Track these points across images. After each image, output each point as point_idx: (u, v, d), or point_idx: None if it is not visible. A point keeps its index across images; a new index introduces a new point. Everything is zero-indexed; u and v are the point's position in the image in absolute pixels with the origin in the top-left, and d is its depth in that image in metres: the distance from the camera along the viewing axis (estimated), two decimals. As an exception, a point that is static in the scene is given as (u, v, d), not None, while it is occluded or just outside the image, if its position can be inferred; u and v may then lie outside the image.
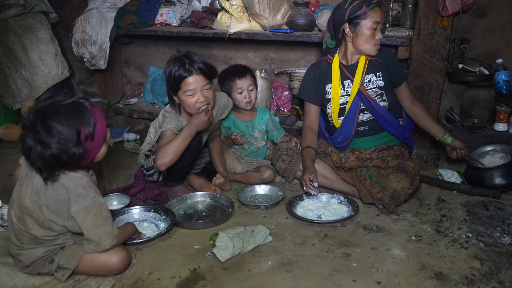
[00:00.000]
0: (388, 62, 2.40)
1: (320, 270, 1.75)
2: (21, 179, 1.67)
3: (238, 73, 2.59)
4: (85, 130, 1.53)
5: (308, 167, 2.29)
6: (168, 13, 3.32)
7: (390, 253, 1.86)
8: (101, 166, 2.52)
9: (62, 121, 1.49)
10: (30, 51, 3.45)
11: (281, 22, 2.99)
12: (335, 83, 2.40)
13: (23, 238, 1.65)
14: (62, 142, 1.48)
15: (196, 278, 1.72)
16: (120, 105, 3.72)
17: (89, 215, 1.59)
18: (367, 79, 2.38)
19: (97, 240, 1.63)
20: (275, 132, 2.69)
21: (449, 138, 2.45)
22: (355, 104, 2.37)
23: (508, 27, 2.88)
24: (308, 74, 2.48)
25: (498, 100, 2.73)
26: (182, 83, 2.18)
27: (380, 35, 2.27)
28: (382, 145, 2.43)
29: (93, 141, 1.57)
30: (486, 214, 2.14)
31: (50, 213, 1.59)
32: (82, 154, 1.53)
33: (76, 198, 1.57)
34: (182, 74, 2.16)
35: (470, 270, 1.72)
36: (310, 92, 2.46)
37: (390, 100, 2.40)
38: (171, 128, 2.23)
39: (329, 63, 2.44)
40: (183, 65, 2.17)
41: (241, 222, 2.17)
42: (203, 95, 2.21)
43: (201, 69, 2.19)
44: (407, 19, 2.91)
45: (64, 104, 1.53)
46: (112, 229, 1.66)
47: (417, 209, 2.25)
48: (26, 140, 1.50)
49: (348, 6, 2.26)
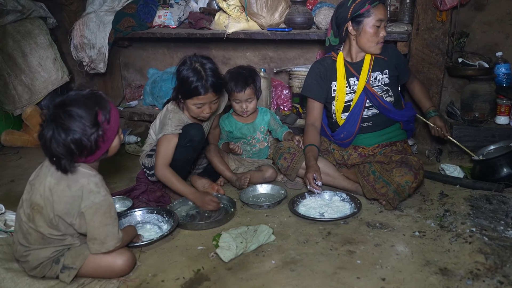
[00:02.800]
0: (396, 59, 2.42)
1: (324, 268, 1.75)
2: (31, 180, 1.71)
3: (238, 86, 2.51)
4: (102, 113, 1.61)
5: (311, 166, 2.28)
6: (165, 15, 3.33)
7: (394, 249, 1.86)
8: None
9: (81, 106, 1.57)
10: (29, 57, 3.46)
11: (279, 21, 2.98)
12: (340, 80, 2.39)
13: (31, 238, 1.66)
14: (83, 125, 1.55)
15: (200, 279, 1.72)
16: (120, 108, 3.72)
17: (99, 212, 1.62)
18: (373, 77, 2.37)
19: (102, 239, 1.64)
20: (278, 130, 2.67)
21: (433, 113, 2.54)
22: (360, 101, 2.37)
23: (507, 19, 2.86)
24: (312, 71, 2.46)
25: (499, 93, 2.72)
26: (195, 97, 2.21)
27: (384, 32, 2.26)
28: (385, 141, 2.42)
29: (109, 124, 1.63)
30: (490, 208, 2.13)
31: (60, 210, 1.61)
32: (101, 136, 1.59)
33: (88, 194, 1.61)
34: (199, 89, 2.18)
35: (474, 265, 1.71)
36: (314, 90, 2.44)
37: (395, 95, 2.42)
38: (172, 131, 2.25)
39: (333, 61, 2.42)
40: (201, 80, 2.17)
41: (243, 222, 2.17)
42: (209, 108, 2.27)
43: (215, 87, 2.21)
44: (405, 15, 2.90)
45: (81, 94, 1.63)
46: (117, 231, 1.69)
47: (420, 205, 2.25)
48: (45, 131, 1.56)
49: (351, 4, 2.25)
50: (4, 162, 3.16)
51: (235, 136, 2.67)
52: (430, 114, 2.55)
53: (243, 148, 2.67)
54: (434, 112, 2.54)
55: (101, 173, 1.70)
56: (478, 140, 2.67)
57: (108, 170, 2.93)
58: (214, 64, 2.26)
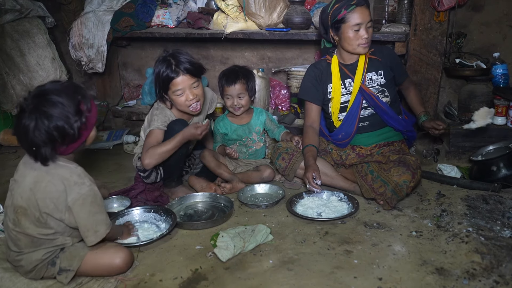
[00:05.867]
0: (390, 60, 2.42)
1: (322, 267, 1.76)
2: (10, 186, 1.71)
3: (228, 79, 2.54)
4: (84, 102, 1.63)
5: (310, 165, 2.29)
6: (164, 14, 3.33)
7: (391, 249, 1.87)
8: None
9: (62, 95, 1.58)
10: (27, 56, 3.45)
11: (277, 21, 2.99)
12: (335, 83, 2.40)
13: (21, 243, 1.66)
14: (65, 112, 1.56)
15: (198, 279, 1.72)
16: (118, 107, 3.72)
17: (86, 203, 1.62)
18: (368, 77, 2.38)
19: (94, 227, 1.65)
20: (275, 131, 2.67)
21: (423, 117, 2.49)
22: (357, 101, 2.38)
23: (504, 20, 2.87)
24: (308, 74, 2.48)
25: (496, 93, 2.73)
26: (171, 84, 2.24)
27: (365, 34, 2.24)
28: (383, 141, 2.43)
29: (91, 113, 1.65)
30: (486, 208, 2.14)
31: (46, 207, 1.61)
32: (84, 124, 1.60)
33: (73, 187, 1.61)
34: (170, 75, 2.22)
35: (471, 264, 1.72)
36: (311, 92, 2.46)
37: (392, 96, 2.42)
38: (158, 126, 2.28)
39: (328, 63, 2.44)
40: (170, 66, 2.22)
41: (241, 221, 2.17)
42: (192, 93, 2.27)
43: (187, 69, 2.23)
44: (403, 15, 2.91)
45: (59, 84, 1.63)
46: (106, 217, 1.70)
47: (418, 205, 2.26)
48: (26, 120, 1.54)
49: (330, 10, 2.28)
50: (2, 162, 3.16)
51: (230, 138, 2.67)
52: (421, 119, 2.49)
53: (239, 149, 2.66)
54: (425, 116, 2.49)
55: (99, 172, 1.71)
56: (475, 140, 2.69)
57: (106, 170, 2.94)
58: (187, 53, 2.29)
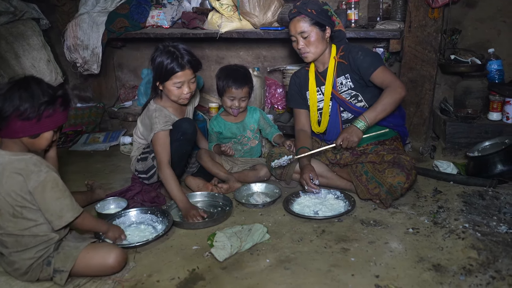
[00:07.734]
0: (353, 61, 2.33)
1: (319, 266, 1.76)
2: None
3: (236, 83, 2.51)
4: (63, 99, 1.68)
5: (305, 166, 2.30)
6: (159, 15, 3.32)
7: (388, 246, 1.87)
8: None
9: (38, 85, 1.64)
10: (22, 58, 3.44)
11: (271, 20, 2.98)
12: (311, 89, 2.47)
13: (8, 244, 1.67)
14: (41, 92, 1.61)
15: (195, 279, 1.72)
16: (114, 108, 3.71)
17: (46, 189, 1.62)
18: (338, 82, 2.40)
19: (58, 212, 1.64)
20: (268, 130, 2.68)
21: (359, 122, 2.25)
22: (334, 106, 2.43)
23: (498, 16, 2.88)
24: (291, 83, 2.60)
25: (491, 89, 2.73)
26: (173, 76, 2.25)
27: (297, 45, 2.34)
28: (374, 140, 2.42)
29: (51, 117, 1.64)
30: (483, 204, 2.15)
31: (15, 200, 1.61)
32: (47, 111, 1.61)
33: (30, 176, 1.61)
34: (175, 68, 2.23)
35: (467, 260, 1.73)
36: (296, 100, 2.56)
37: (367, 99, 2.37)
38: (162, 128, 2.26)
39: (306, 71, 2.53)
40: (176, 59, 2.23)
41: (238, 221, 2.17)
42: (189, 87, 2.30)
43: (191, 64, 2.27)
44: (397, 12, 2.91)
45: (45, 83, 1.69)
46: (71, 202, 1.69)
47: (414, 202, 2.26)
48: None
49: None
50: None
51: (225, 136, 2.66)
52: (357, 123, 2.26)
53: (234, 147, 2.66)
54: (360, 122, 2.24)
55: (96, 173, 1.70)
56: (471, 136, 2.69)
57: (103, 171, 2.93)
58: (186, 47, 2.31)
